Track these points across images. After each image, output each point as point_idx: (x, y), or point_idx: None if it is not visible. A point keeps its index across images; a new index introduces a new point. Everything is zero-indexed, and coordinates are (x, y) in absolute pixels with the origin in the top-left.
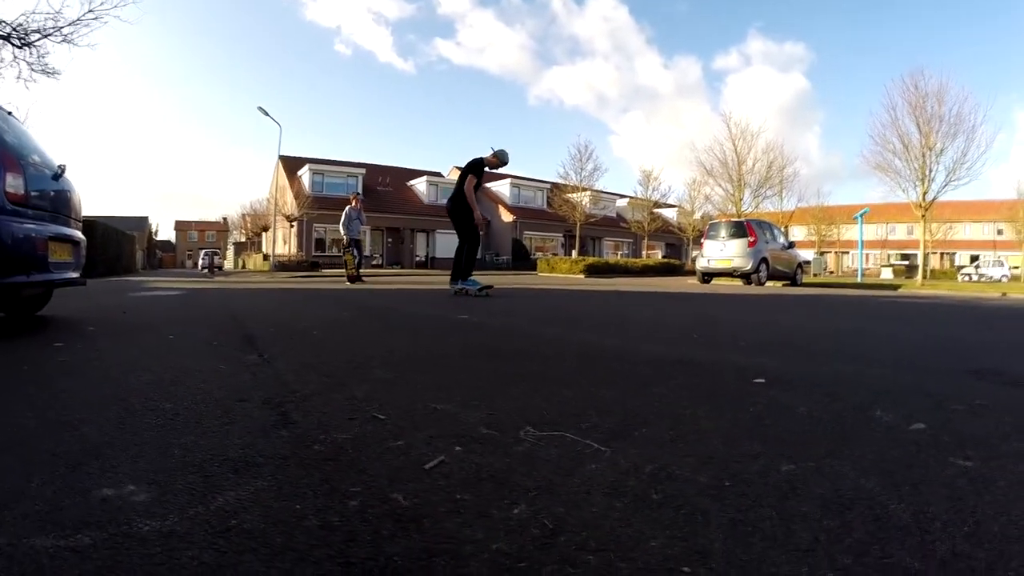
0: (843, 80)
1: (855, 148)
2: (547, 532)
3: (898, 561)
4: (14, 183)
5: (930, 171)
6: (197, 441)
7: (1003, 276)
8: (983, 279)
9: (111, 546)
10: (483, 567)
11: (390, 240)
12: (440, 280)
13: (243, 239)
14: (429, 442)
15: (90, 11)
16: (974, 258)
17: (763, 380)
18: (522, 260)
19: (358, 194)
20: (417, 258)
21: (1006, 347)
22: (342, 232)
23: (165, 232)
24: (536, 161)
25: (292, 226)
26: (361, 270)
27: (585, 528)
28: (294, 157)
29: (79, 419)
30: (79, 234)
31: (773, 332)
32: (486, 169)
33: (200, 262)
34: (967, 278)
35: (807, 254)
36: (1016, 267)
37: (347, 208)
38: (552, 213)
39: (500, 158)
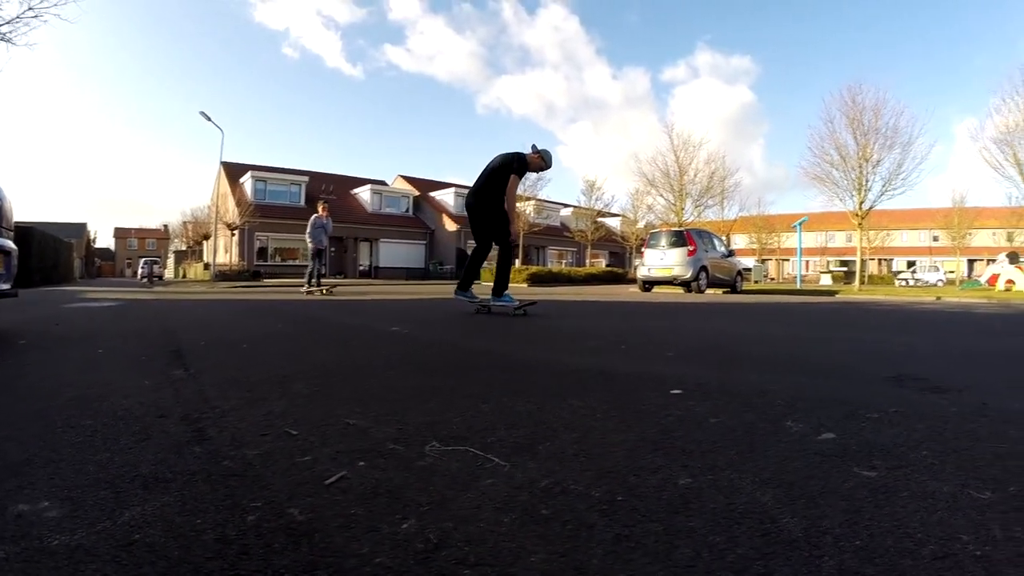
0: (788, 93)
1: (797, 159)
2: (430, 547)
3: None
4: None
5: (867, 181)
6: (112, 458)
7: (939, 281)
8: (919, 284)
9: (23, 559)
10: None
11: (333, 249)
12: (407, 291)
13: (184, 247)
14: (335, 457)
15: (30, 9)
16: (911, 264)
17: (681, 391)
18: None
19: (325, 202)
20: (360, 267)
21: (931, 352)
22: (308, 241)
23: (104, 239)
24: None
25: (234, 234)
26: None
27: (468, 543)
28: (237, 164)
29: (2, 436)
30: (10, 244)
31: (703, 340)
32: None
33: (139, 271)
34: (904, 283)
35: (748, 262)
36: (951, 272)
37: (313, 216)
38: None
39: (545, 159)
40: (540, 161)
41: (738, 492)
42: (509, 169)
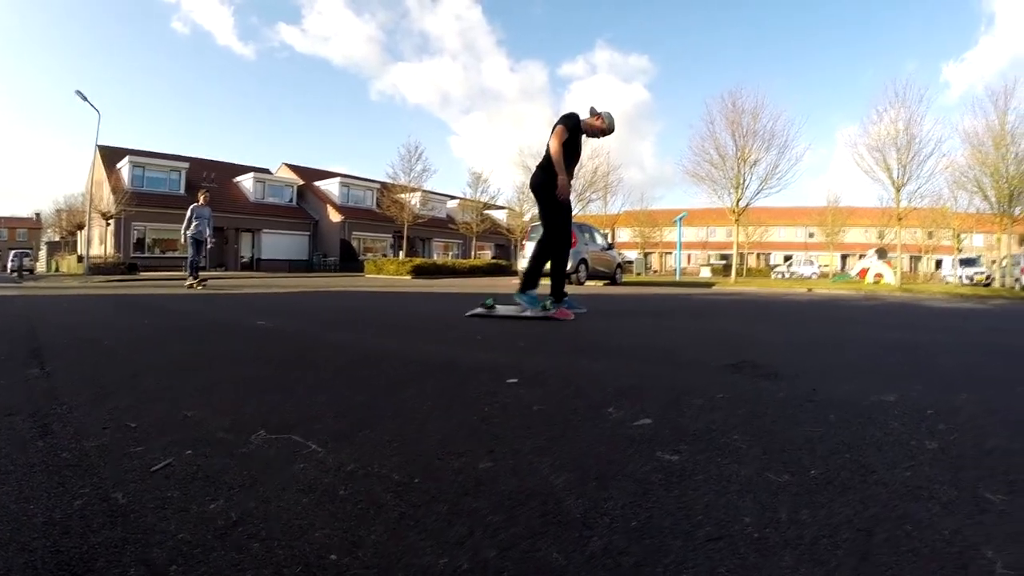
0: (681, 93)
1: (681, 157)
2: (230, 523)
3: (543, 555)
4: None
5: (744, 180)
6: None
7: (813, 274)
8: (795, 276)
9: None
10: (163, 552)
11: (214, 240)
12: (287, 284)
13: (57, 238)
14: (166, 447)
15: None
16: (787, 258)
17: (516, 380)
18: (351, 261)
19: (206, 190)
20: (242, 259)
21: (780, 341)
22: (184, 232)
23: None
24: (373, 158)
25: (109, 224)
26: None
27: (265, 520)
28: (113, 148)
29: None
30: None
31: (558, 331)
32: (584, 135)
33: (8, 264)
34: (780, 276)
35: (631, 255)
36: (825, 266)
37: (193, 205)
38: (381, 213)
39: (608, 123)
40: (600, 123)
41: (533, 475)
42: (558, 125)
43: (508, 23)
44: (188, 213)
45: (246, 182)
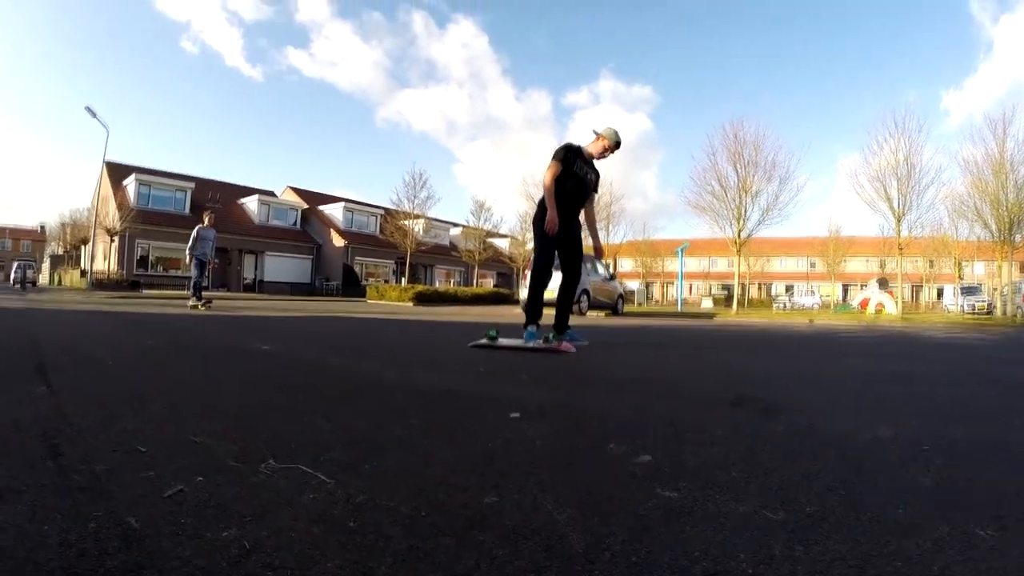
0: (684, 124)
1: (683, 188)
2: (244, 552)
3: None
4: None
5: (746, 211)
6: None
7: (814, 304)
8: (796, 307)
9: None
10: None
11: (217, 261)
12: (290, 307)
13: (61, 251)
14: (176, 473)
15: None
16: (789, 288)
17: (518, 414)
18: (352, 286)
19: (211, 211)
20: (245, 280)
21: (779, 374)
22: (187, 253)
23: None
24: (377, 184)
25: (113, 240)
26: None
27: (278, 550)
28: (121, 164)
29: None
30: None
31: (559, 363)
32: (590, 155)
33: (12, 275)
34: (782, 306)
35: (633, 285)
36: (827, 296)
37: (198, 226)
38: (384, 239)
39: (611, 138)
40: (604, 142)
41: (537, 510)
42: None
43: (514, 52)
44: (193, 234)
45: (251, 204)
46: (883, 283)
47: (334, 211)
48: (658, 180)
